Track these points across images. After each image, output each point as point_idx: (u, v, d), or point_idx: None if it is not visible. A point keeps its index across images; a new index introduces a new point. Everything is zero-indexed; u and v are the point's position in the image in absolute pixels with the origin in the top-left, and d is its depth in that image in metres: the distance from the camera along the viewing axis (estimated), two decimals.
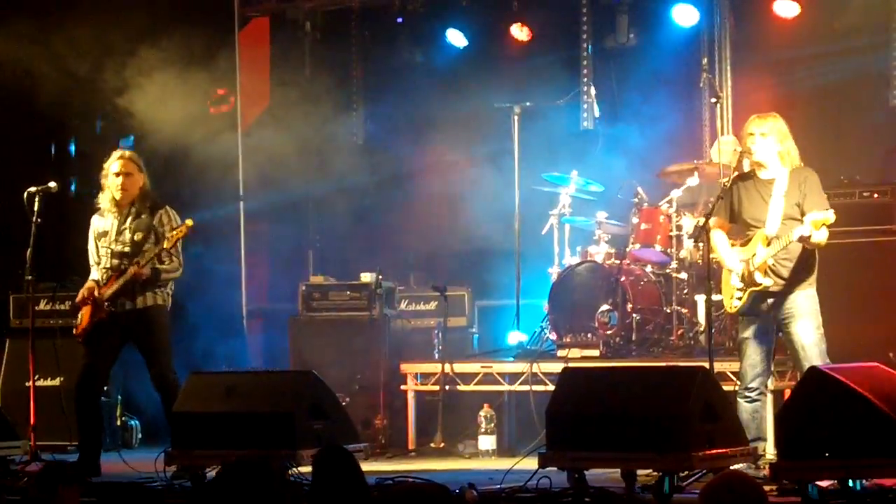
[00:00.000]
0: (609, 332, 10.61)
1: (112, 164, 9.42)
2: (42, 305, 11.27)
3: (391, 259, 12.31)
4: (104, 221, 9.49)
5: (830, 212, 8.11)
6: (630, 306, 10.63)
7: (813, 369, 7.52)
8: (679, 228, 10.78)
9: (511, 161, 11.72)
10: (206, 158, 12.04)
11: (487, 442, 10.36)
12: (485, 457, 10.28)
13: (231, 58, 12.97)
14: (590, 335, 10.66)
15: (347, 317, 11.65)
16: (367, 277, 11.68)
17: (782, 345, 8.57)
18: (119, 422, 11.43)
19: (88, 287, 9.45)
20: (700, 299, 10.44)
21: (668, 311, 10.76)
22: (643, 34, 12.23)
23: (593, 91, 12.24)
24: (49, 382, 10.95)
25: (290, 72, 13.20)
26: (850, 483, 7.06)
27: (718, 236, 8.58)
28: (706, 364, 8.32)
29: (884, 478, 7.21)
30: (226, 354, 12.05)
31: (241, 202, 13.07)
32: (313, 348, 11.58)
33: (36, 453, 9.40)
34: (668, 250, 10.83)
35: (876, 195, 10.33)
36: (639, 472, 7.66)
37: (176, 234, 9.18)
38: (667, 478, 7.36)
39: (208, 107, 12.59)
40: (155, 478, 8.54)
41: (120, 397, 11.41)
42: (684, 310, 10.72)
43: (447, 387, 10.68)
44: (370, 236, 12.81)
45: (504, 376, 10.63)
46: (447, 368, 10.72)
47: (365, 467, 5.85)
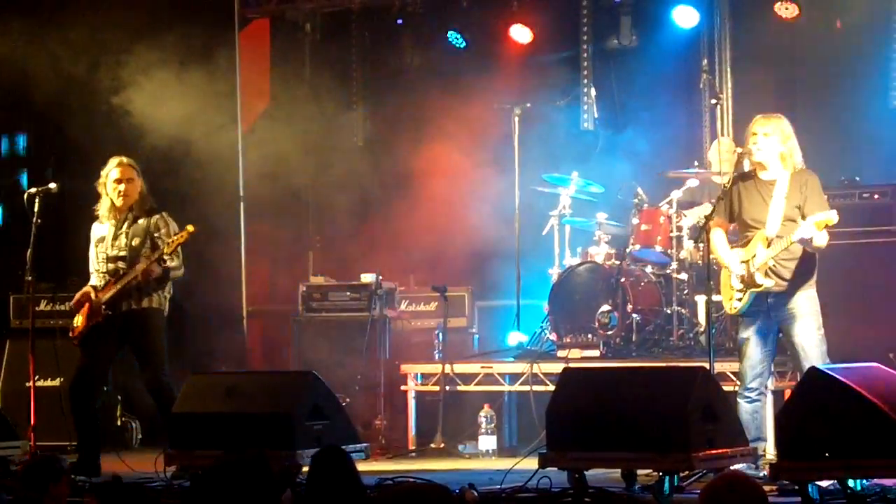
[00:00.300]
0: (609, 333, 10.61)
1: (111, 171, 9.45)
2: (42, 306, 11.28)
3: (391, 260, 12.31)
4: (102, 228, 9.52)
5: (833, 212, 8.10)
6: (630, 307, 10.64)
7: (813, 370, 7.51)
8: (679, 229, 10.78)
9: (511, 162, 11.73)
10: (207, 159, 12.03)
11: (488, 442, 10.37)
12: (485, 457, 10.28)
13: (231, 59, 12.97)
14: (590, 336, 10.67)
15: (347, 317, 11.67)
16: (367, 278, 11.69)
17: (782, 345, 8.57)
18: (119, 422, 11.43)
19: (85, 291, 9.47)
20: (700, 300, 10.44)
21: (669, 312, 10.76)
22: (643, 35, 12.23)
23: (593, 92, 12.25)
24: (49, 383, 10.96)
25: (291, 73, 13.21)
26: (851, 483, 7.06)
27: (718, 236, 8.56)
28: (706, 364, 8.31)
29: (884, 478, 7.21)
30: (225, 355, 12.05)
31: (242, 203, 13.07)
32: (313, 349, 11.58)
33: (36, 454, 9.39)
34: (669, 251, 10.83)
35: (876, 196, 10.33)
36: (639, 473, 7.67)
37: (177, 240, 9.20)
38: (667, 478, 7.36)
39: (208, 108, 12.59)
40: (154, 478, 8.54)
41: (120, 398, 11.40)
42: (684, 310, 10.72)
43: (447, 387, 10.68)
44: (370, 237, 12.80)
45: (504, 377, 10.64)
46: (447, 369, 10.72)
47: (365, 467, 5.87)
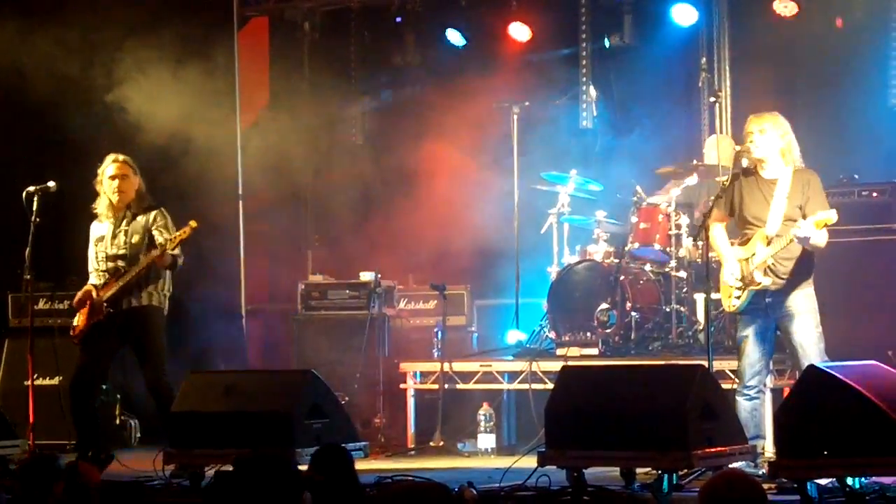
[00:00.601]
0: (608, 331, 10.62)
1: (107, 169, 9.45)
2: (41, 305, 11.29)
3: (390, 258, 12.31)
4: (101, 226, 9.51)
5: (832, 212, 8.11)
6: (629, 305, 10.64)
7: (812, 367, 7.51)
8: (678, 227, 10.78)
9: (510, 160, 11.73)
10: (206, 158, 12.03)
11: (487, 440, 10.36)
12: (484, 455, 10.27)
13: (230, 57, 12.97)
14: (589, 334, 10.67)
15: (346, 316, 11.68)
16: (367, 276, 11.69)
17: (781, 343, 8.57)
18: (117, 421, 11.43)
19: (86, 289, 9.46)
20: (699, 298, 10.44)
21: (667, 310, 10.76)
22: (642, 33, 12.23)
23: (592, 90, 12.25)
24: (48, 382, 10.96)
25: (289, 72, 13.21)
26: (849, 481, 7.06)
27: (718, 232, 8.56)
28: (705, 362, 8.30)
29: (882, 476, 7.21)
30: (224, 353, 12.04)
31: (241, 201, 13.07)
32: (312, 347, 11.59)
33: (34, 453, 9.38)
34: (667, 249, 10.83)
35: (875, 195, 10.34)
36: (638, 471, 7.67)
37: (179, 235, 9.19)
38: (666, 476, 7.36)
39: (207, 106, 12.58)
40: (154, 477, 8.54)
41: (119, 396, 11.40)
42: (683, 308, 10.72)
43: (446, 385, 10.68)
44: (369, 235, 12.80)
45: (503, 375, 10.64)
46: (446, 367, 10.72)
47: (364, 466, 5.86)
